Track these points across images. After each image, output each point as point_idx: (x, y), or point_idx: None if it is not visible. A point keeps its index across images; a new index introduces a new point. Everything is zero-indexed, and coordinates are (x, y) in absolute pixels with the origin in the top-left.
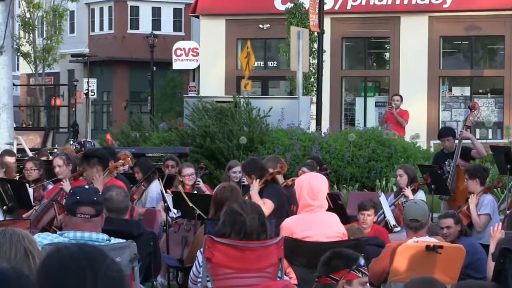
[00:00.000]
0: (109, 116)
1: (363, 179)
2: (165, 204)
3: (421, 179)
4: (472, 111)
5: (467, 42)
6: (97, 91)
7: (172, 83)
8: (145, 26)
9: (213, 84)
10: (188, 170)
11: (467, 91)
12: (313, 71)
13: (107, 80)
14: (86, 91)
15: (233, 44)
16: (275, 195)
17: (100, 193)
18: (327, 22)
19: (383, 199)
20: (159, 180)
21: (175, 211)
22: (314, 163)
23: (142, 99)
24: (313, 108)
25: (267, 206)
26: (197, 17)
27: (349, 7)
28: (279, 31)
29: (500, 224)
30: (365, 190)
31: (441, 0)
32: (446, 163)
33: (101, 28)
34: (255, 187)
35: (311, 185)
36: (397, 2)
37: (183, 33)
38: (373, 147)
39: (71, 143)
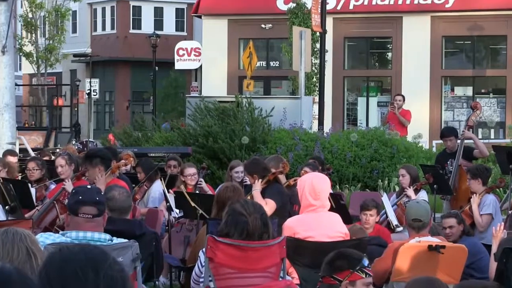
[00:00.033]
0: (111, 116)
1: (365, 179)
2: (167, 204)
3: (423, 179)
4: (474, 111)
5: (470, 42)
6: (99, 91)
7: (174, 83)
8: (147, 26)
9: (215, 84)
10: (190, 170)
11: (469, 91)
12: (315, 71)
13: (109, 80)
14: (88, 91)
15: (235, 44)
16: (277, 195)
17: (102, 193)
18: (329, 22)
19: (385, 199)
20: (161, 180)
21: (177, 211)
22: (316, 163)
23: (144, 99)
24: (315, 108)
25: (269, 206)
26: (199, 17)
27: (351, 7)
28: (281, 31)
29: (502, 224)
30: (367, 190)
31: (443, 0)
32: (448, 163)
33: (103, 28)
34: (257, 187)
35: (313, 185)
36: (399, 2)
37: (185, 33)
38: (375, 147)
39: (73, 143)
